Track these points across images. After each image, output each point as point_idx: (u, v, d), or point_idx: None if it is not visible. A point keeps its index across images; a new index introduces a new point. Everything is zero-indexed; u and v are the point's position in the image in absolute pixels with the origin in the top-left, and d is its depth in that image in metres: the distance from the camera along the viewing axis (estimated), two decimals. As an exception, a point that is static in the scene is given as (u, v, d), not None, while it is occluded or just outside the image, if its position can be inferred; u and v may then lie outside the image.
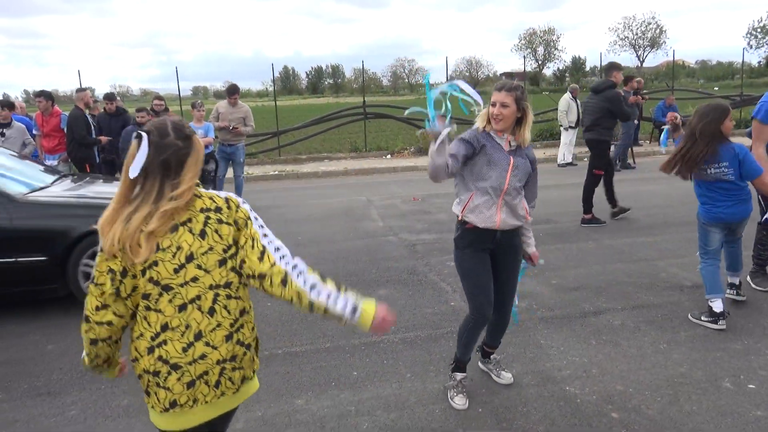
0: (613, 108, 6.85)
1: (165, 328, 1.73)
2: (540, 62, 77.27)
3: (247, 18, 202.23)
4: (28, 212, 4.65)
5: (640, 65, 65.61)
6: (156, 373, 1.75)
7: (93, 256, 4.59)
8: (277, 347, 4.00)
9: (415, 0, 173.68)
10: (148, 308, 1.74)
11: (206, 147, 8.09)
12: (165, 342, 1.74)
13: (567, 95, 12.39)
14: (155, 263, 1.70)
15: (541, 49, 76.80)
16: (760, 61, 57.99)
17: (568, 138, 12.36)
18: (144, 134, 1.69)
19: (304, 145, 15.57)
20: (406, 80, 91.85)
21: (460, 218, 3.06)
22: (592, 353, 3.73)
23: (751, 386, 3.28)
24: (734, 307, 4.36)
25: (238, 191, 8.74)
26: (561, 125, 12.52)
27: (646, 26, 67.41)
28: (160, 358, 1.74)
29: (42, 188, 5.08)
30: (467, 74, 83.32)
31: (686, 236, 6.10)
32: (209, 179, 8.17)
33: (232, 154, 8.61)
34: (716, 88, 31.58)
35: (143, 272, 1.70)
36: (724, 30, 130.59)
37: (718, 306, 4.00)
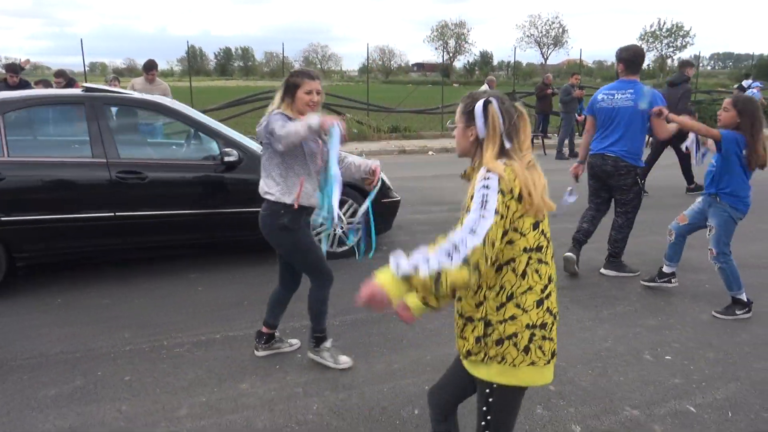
0: (683, 99, 8.09)
1: (550, 279, 1.81)
2: (451, 55, 79.11)
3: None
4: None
5: (544, 62, 68.84)
6: (543, 326, 1.78)
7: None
8: (215, 331, 3.89)
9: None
10: (540, 261, 1.78)
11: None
12: (550, 294, 1.81)
13: (484, 87, 12.78)
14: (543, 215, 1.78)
15: (452, 42, 78.64)
16: (649, 64, 62.60)
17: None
18: (494, 99, 1.82)
19: (219, 128, 15.04)
20: (319, 66, 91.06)
21: (294, 204, 3.09)
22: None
23: (667, 357, 3.58)
24: (646, 286, 4.73)
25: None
26: None
27: (551, 25, 70.83)
28: (548, 309, 1.79)
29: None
30: (380, 63, 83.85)
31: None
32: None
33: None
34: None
35: (536, 225, 1.76)
36: (619, 33, 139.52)
37: (745, 295, 4.21)
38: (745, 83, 14.70)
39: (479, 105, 1.83)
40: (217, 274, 5.01)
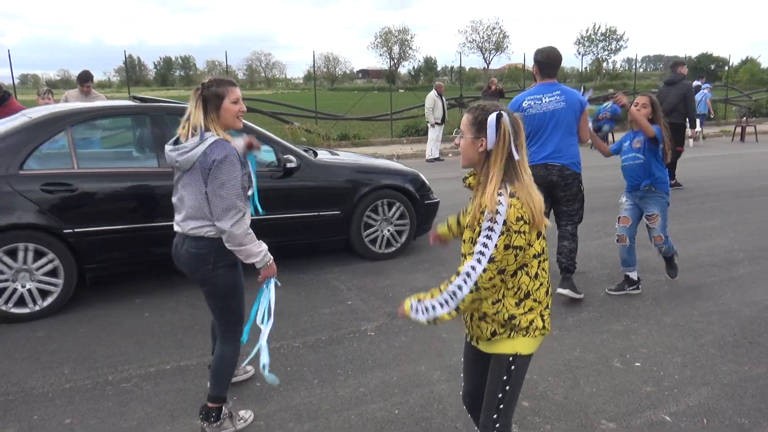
0: (688, 96, 8.72)
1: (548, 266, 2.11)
2: (396, 61, 79.52)
3: (83, 1, 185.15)
4: (326, 174, 5.38)
5: (486, 67, 70.08)
6: (547, 306, 2.08)
7: (374, 210, 5.57)
8: (165, 361, 3.61)
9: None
10: (544, 260, 2.03)
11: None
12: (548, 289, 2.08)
13: (432, 93, 12.78)
14: None
15: (396, 48, 79.11)
16: (586, 67, 64.67)
17: (434, 134, 12.77)
18: (504, 112, 1.93)
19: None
20: (263, 74, 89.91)
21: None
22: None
23: (637, 364, 3.53)
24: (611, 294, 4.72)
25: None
26: (428, 122, 12.91)
27: (492, 30, 72.17)
28: (548, 290, 2.07)
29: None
30: (325, 70, 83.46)
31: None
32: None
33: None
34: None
35: (539, 234, 1.98)
36: (556, 37, 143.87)
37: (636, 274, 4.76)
38: (695, 83, 15.40)
39: (492, 118, 1.93)
40: (163, 297, 4.70)
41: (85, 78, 7.56)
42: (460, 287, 1.94)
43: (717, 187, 9.13)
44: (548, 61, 4.38)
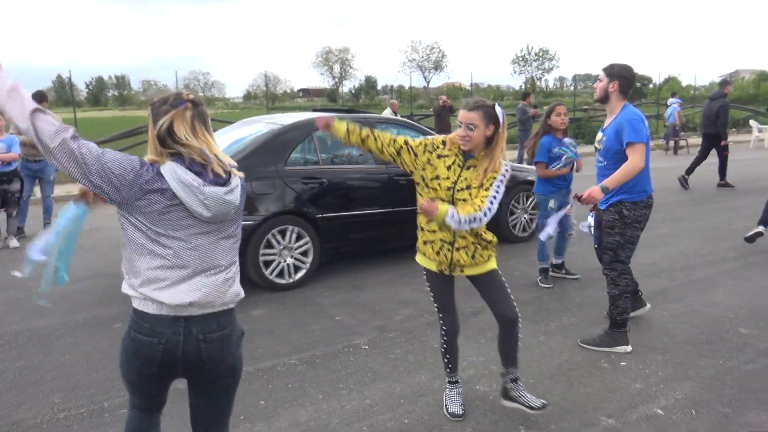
0: (720, 113, 10.05)
1: None
2: (337, 80, 79.95)
3: (4, 20, 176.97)
4: None
5: (427, 86, 71.45)
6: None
7: (517, 201, 6.75)
8: (161, 385, 3.53)
9: (203, 10, 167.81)
10: None
11: (9, 164, 6.89)
12: None
13: (388, 110, 13.03)
14: None
15: (337, 67, 79.51)
16: (521, 86, 67.10)
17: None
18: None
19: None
20: (202, 93, 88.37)
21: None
22: (485, 351, 3.93)
23: (623, 363, 3.73)
24: (587, 295, 4.94)
25: (47, 214, 7.57)
26: None
27: (431, 50, 73.67)
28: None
29: None
30: (265, 89, 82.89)
31: (526, 240, 6.81)
32: (12, 201, 6.95)
33: (39, 171, 7.43)
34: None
35: None
36: (493, 57, 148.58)
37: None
38: (669, 101, 17.35)
39: (499, 108, 2.83)
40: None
41: (39, 98, 7.29)
42: (479, 218, 2.71)
43: (663, 197, 9.67)
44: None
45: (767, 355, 3.80)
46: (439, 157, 2.88)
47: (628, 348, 3.90)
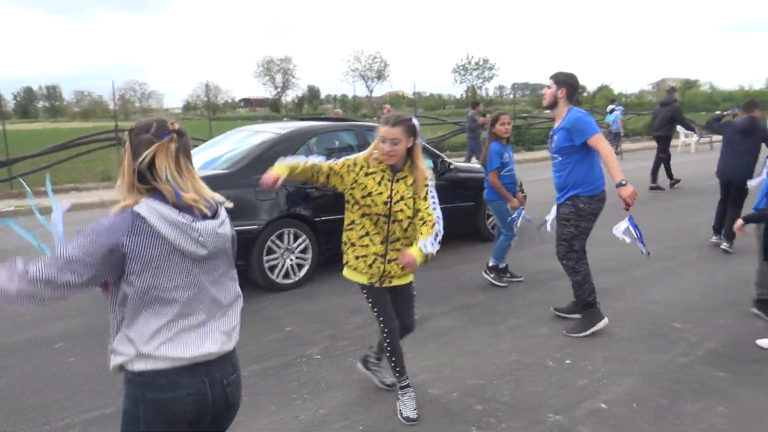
0: (676, 115, 10.97)
1: None
2: (279, 89, 79.33)
3: None
4: (463, 174, 6.99)
5: (370, 95, 71.96)
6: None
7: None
8: (106, 404, 3.41)
9: (139, 19, 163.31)
10: None
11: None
12: None
13: (332, 120, 13.08)
14: None
15: (279, 77, 78.92)
16: (462, 94, 68.49)
17: (338, 160, 13.06)
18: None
19: (43, 176, 13.45)
20: (139, 104, 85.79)
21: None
22: (437, 355, 4.00)
23: (567, 362, 3.88)
24: (532, 296, 5.10)
25: None
26: None
27: (373, 59, 74.27)
28: None
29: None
30: (205, 99, 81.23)
31: (474, 245, 6.95)
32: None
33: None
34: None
35: None
36: (435, 66, 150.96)
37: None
38: (610, 107, 18.32)
39: (416, 120, 2.97)
40: (87, 340, 4.41)
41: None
42: (439, 230, 2.92)
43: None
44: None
45: (698, 348, 4.03)
46: (366, 174, 3.00)
47: (606, 320, 4.31)
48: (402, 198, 2.98)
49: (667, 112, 11.08)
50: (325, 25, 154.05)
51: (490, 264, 5.50)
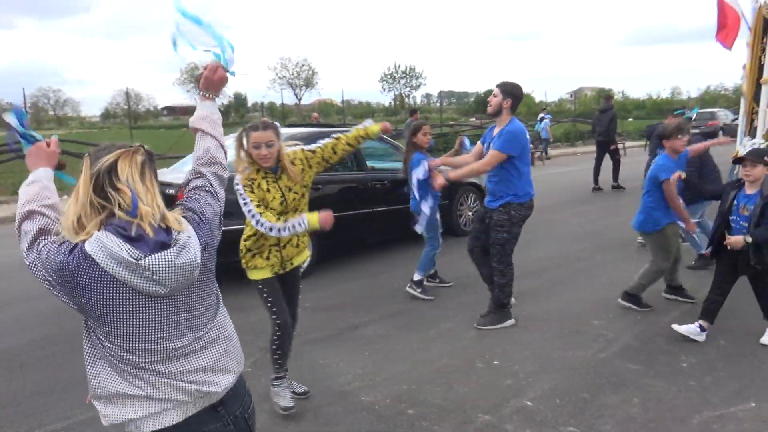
0: (614, 121, 11.85)
1: None
2: (204, 97, 77.12)
3: None
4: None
5: (298, 102, 71.33)
6: None
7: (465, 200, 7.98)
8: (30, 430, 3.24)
9: (52, 24, 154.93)
10: None
11: None
12: None
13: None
14: None
15: (204, 84, 76.79)
16: (390, 102, 69.18)
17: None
18: None
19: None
20: (53, 112, 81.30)
21: None
22: (369, 362, 4.04)
23: (495, 362, 4.01)
24: (461, 300, 5.23)
25: None
26: None
27: (301, 67, 73.75)
28: None
29: None
30: (125, 107, 78.02)
31: (404, 251, 7.06)
32: None
33: None
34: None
35: None
36: (363, 74, 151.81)
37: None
38: (541, 116, 19.96)
39: (278, 124, 3.20)
40: (9, 356, 4.17)
41: None
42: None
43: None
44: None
45: (615, 343, 4.27)
46: (259, 183, 3.15)
47: (514, 321, 4.65)
48: (290, 189, 3.22)
49: (606, 118, 11.87)
50: (251, 32, 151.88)
51: (415, 278, 5.44)
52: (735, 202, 4.14)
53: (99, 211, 1.50)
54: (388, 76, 70.47)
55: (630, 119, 40.86)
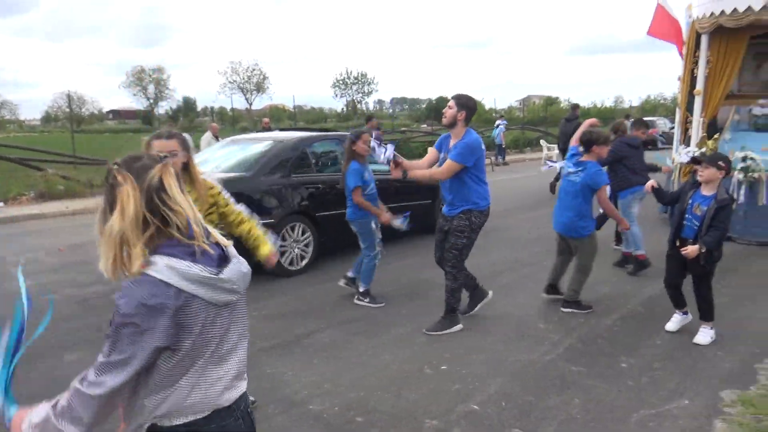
0: (577, 130, 11.13)
1: None
2: (152, 101, 75.51)
3: None
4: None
5: (249, 107, 70.48)
6: None
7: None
8: None
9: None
10: None
11: None
12: None
13: (208, 134, 12.68)
14: None
15: (151, 88, 75.12)
16: (343, 108, 69.17)
17: (214, 176, 12.64)
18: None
19: None
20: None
21: None
22: (320, 371, 4.03)
23: (443, 368, 4.07)
24: (412, 306, 5.28)
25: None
26: None
27: (252, 72, 72.91)
28: None
29: None
30: (67, 110, 75.28)
31: (355, 258, 7.06)
32: None
33: None
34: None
35: None
36: (315, 80, 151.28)
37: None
38: (497, 122, 21.07)
39: (187, 135, 3.16)
40: None
41: None
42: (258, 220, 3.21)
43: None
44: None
45: (559, 346, 4.40)
46: None
47: (461, 326, 4.73)
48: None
49: (572, 127, 12.10)
50: (201, 34, 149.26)
51: (361, 290, 5.42)
52: (690, 201, 4.36)
53: (144, 229, 1.45)
54: (340, 82, 70.53)
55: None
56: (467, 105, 4.53)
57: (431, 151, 4.84)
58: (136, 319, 1.39)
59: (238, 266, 1.58)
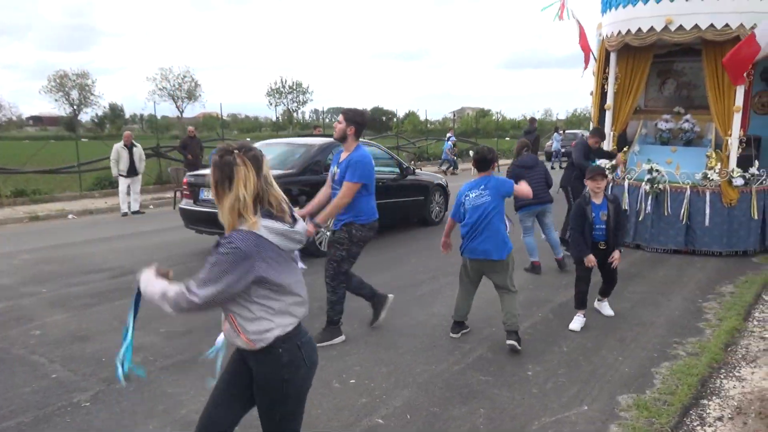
0: (537, 141, 13.54)
1: None
2: (76, 107, 72.16)
3: None
4: (420, 178, 10.13)
5: (180, 115, 68.54)
6: None
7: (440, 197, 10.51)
8: None
9: None
10: None
11: None
12: None
13: (119, 144, 12.19)
14: None
15: (75, 93, 71.81)
16: (278, 117, 68.41)
17: (123, 186, 12.11)
18: None
19: None
20: None
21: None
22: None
23: (352, 381, 4.00)
24: (324, 319, 5.18)
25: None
26: (114, 174, 12.34)
27: (183, 79, 70.96)
28: None
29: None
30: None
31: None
32: None
33: None
34: (248, 139, 35.76)
35: None
36: (249, 88, 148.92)
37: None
38: (447, 135, 23.11)
39: None
40: None
41: None
42: None
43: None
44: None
45: (469, 356, 4.42)
46: None
47: (343, 337, 4.74)
48: None
49: (530, 139, 12.53)
50: (130, 38, 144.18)
51: None
52: (593, 213, 4.95)
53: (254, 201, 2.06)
54: (275, 91, 69.77)
55: (507, 138, 43.35)
56: (355, 120, 4.57)
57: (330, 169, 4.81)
58: (237, 252, 1.99)
59: (302, 224, 2.24)
